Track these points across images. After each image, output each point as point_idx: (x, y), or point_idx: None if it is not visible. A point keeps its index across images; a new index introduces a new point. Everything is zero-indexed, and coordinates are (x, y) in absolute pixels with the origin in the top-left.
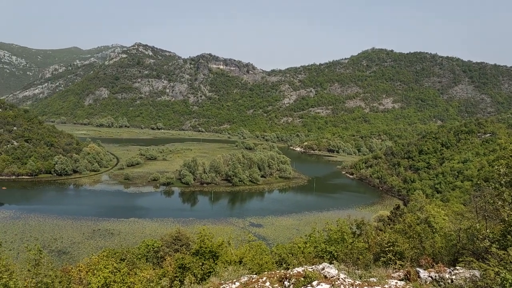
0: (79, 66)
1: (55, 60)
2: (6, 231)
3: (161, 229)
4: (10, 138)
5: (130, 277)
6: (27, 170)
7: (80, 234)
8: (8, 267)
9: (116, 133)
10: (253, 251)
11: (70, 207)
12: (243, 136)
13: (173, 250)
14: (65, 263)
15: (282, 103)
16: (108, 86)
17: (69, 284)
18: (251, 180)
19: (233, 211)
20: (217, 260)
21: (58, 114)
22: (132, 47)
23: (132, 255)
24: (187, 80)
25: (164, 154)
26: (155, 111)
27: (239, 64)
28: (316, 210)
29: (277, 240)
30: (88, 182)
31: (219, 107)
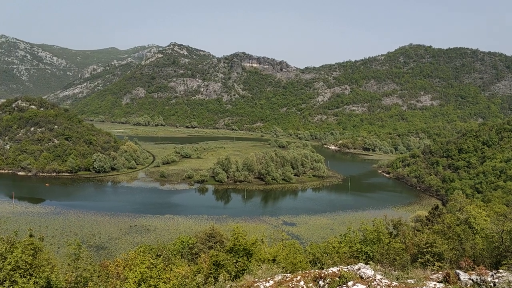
0: (117, 66)
1: (94, 60)
2: (48, 226)
3: (195, 226)
4: (51, 136)
5: (166, 273)
6: (67, 167)
7: (118, 229)
8: (50, 261)
9: (152, 132)
10: (286, 250)
11: (108, 203)
12: (276, 134)
13: (207, 247)
14: (103, 258)
15: (316, 101)
16: (145, 85)
17: (107, 278)
18: (284, 179)
19: (266, 209)
20: (251, 258)
21: (97, 113)
22: (167, 47)
23: (168, 251)
24: (221, 79)
25: (198, 152)
26: (189, 110)
27: (273, 62)
28: (351, 210)
29: (311, 239)
30: (125, 179)
31: (252, 105)
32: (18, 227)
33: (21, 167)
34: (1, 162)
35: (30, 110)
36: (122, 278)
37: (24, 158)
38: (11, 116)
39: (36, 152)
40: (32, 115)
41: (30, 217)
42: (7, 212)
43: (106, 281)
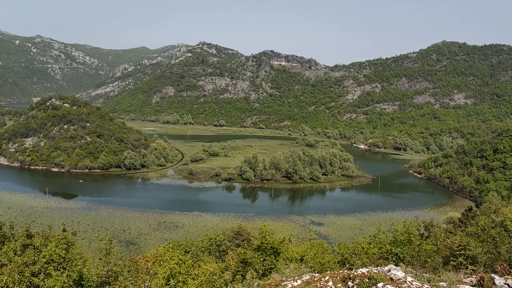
0: (147, 65)
1: (125, 60)
2: (80, 221)
3: (222, 224)
4: (83, 133)
5: (194, 269)
6: (98, 164)
7: (147, 226)
8: (82, 255)
9: (181, 130)
10: (314, 250)
11: (138, 200)
12: (304, 133)
13: (234, 244)
14: (132, 253)
15: (346, 99)
16: (174, 84)
17: (137, 273)
18: (311, 178)
19: (293, 208)
20: (278, 257)
21: (128, 111)
22: (196, 46)
23: (196, 248)
24: (248, 77)
25: (226, 150)
26: (217, 108)
27: (301, 60)
28: (380, 210)
29: (339, 240)
30: (155, 176)
31: (280, 103)
32: (51, 222)
33: (54, 163)
34: (36, 158)
35: (63, 108)
36: (151, 273)
37: (58, 155)
38: (46, 114)
39: (69, 149)
40: (66, 113)
41: (63, 212)
42: (41, 207)
43: (136, 276)
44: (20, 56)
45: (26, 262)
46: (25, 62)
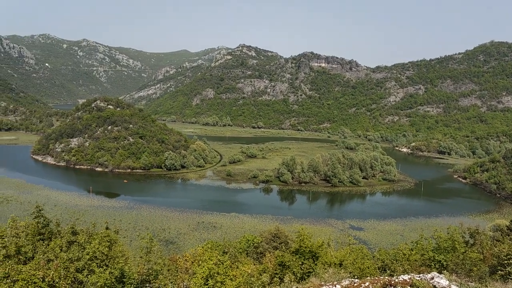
0: (188, 68)
1: (167, 63)
2: (122, 219)
3: (260, 226)
4: (126, 134)
5: (232, 270)
6: (140, 164)
7: (186, 225)
8: (123, 253)
9: (220, 132)
10: (354, 255)
11: (178, 200)
12: (343, 135)
13: (272, 247)
14: (172, 253)
15: (388, 101)
16: (214, 86)
17: (176, 272)
18: (351, 181)
19: (332, 212)
20: (317, 261)
21: (169, 113)
22: (236, 48)
23: (234, 249)
24: (287, 79)
25: (264, 152)
26: (256, 110)
27: (342, 61)
28: (423, 216)
29: (379, 245)
30: (194, 177)
31: (319, 105)
32: (95, 220)
33: (98, 163)
34: (81, 158)
35: (107, 109)
36: (190, 273)
37: (102, 155)
38: (91, 115)
39: (112, 149)
40: (110, 115)
41: (105, 210)
42: (85, 205)
43: (175, 275)
44: (67, 59)
45: (71, 258)
46: (71, 65)
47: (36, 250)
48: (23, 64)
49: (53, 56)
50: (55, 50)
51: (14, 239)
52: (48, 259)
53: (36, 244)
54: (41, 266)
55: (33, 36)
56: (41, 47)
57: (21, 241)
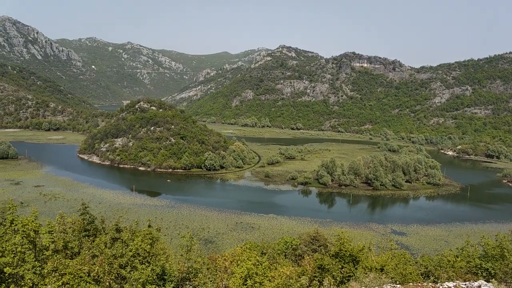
0: (228, 70)
1: (207, 65)
2: (163, 218)
3: (298, 228)
4: (168, 135)
5: (271, 271)
6: (181, 164)
7: (225, 225)
8: (165, 251)
9: (258, 133)
10: (396, 260)
11: (217, 199)
12: (386, 137)
13: (311, 249)
14: (211, 252)
15: (433, 102)
16: (253, 88)
17: (215, 272)
18: (394, 185)
19: (373, 216)
20: (357, 265)
21: (209, 114)
22: (276, 49)
23: (272, 250)
24: (328, 80)
25: (303, 154)
26: (295, 111)
27: (385, 61)
28: (469, 222)
29: (422, 251)
30: (232, 177)
31: (361, 106)
32: (137, 218)
33: (141, 162)
34: (125, 157)
35: (150, 111)
36: (229, 272)
37: (144, 155)
38: (134, 116)
39: (155, 149)
40: (152, 116)
41: (147, 209)
42: (129, 204)
43: (214, 274)
44: (112, 62)
45: (115, 254)
46: (116, 67)
47: (82, 245)
48: (71, 66)
49: (99, 58)
50: (101, 52)
51: (61, 235)
52: (93, 255)
53: (82, 240)
54: (87, 261)
55: (81, 40)
56: (88, 50)
57: (68, 237)
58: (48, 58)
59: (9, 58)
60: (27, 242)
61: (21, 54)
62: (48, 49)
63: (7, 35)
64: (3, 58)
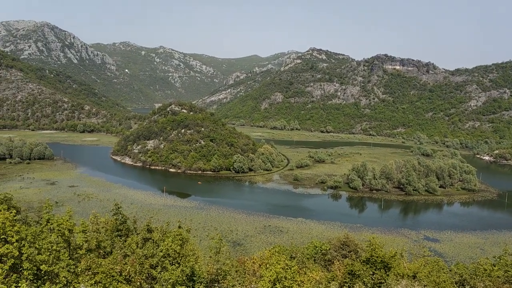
0: (258, 73)
1: (237, 68)
2: (192, 219)
3: (327, 232)
4: (198, 137)
5: (300, 276)
6: (210, 166)
7: (253, 228)
8: (194, 252)
9: (287, 136)
10: (429, 267)
11: (245, 202)
12: (419, 141)
13: (341, 255)
14: (239, 254)
15: (468, 106)
16: (282, 90)
17: (244, 274)
18: (427, 190)
19: (405, 222)
20: (389, 272)
21: (238, 117)
22: (306, 52)
23: (302, 255)
24: (359, 82)
25: (333, 157)
26: (325, 114)
27: (418, 64)
28: (507, 230)
29: (457, 259)
30: (261, 180)
31: (393, 109)
32: (168, 219)
33: (172, 164)
34: (156, 159)
35: (181, 113)
36: (257, 275)
37: (175, 157)
38: (166, 119)
39: (185, 151)
40: (183, 118)
41: (177, 210)
42: (159, 204)
43: (243, 276)
44: (145, 66)
45: (146, 254)
46: (149, 71)
47: (114, 245)
48: (105, 70)
49: (132, 62)
50: (134, 57)
51: (95, 234)
52: (124, 255)
53: (114, 239)
54: (119, 261)
55: (115, 44)
56: (122, 54)
57: (101, 236)
58: (84, 62)
59: (47, 62)
60: (62, 240)
61: (58, 58)
62: (84, 53)
63: (46, 40)
64: (42, 62)
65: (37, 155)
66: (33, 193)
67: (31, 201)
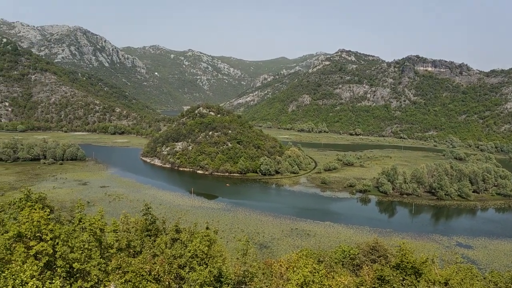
0: (285, 75)
1: (265, 70)
2: (219, 221)
3: (356, 237)
4: (225, 140)
5: (328, 280)
6: (237, 168)
7: (279, 231)
8: (221, 253)
9: (315, 138)
10: (461, 274)
11: (271, 204)
12: (452, 144)
13: (370, 260)
14: (265, 257)
15: (504, 108)
16: (310, 92)
17: (271, 277)
18: (460, 195)
19: (437, 227)
20: (420, 278)
21: (265, 120)
22: (335, 53)
23: (329, 259)
24: (390, 84)
25: (362, 160)
26: (354, 116)
27: (451, 65)
28: None
29: (491, 266)
30: (288, 183)
31: (425, 112)
32: (195, 220)
33: (199, 166)
34: (184, 161)
35: (209, 116)
36: (284, 278)
37: (203, 159)
38: (194, 121)
39: (212, 153)
40: (211, 121)
41: (205, 211)
42: (187, 206)
43: (270, 279)
44: (174, 69)
45: (175, 254)
46: (178, 74)
47: (144, 245)
48: (135, 73)
49: (162, 65)
50: (163, 60)
51: (125, 234)
52: (154, 254)
53: (144, 239)
54: (148, 260)
55: (145, 47)
56: (151, 57)
57: (131, 236)
58: (115, 65)
59: (79, 66)
60: (94, 239)
61: (90, 61)
62: (115, 57)
63: (78, 44)
64: (74, 65)
65: (69, 156)
66: (66, 193)
67: (64, 200)
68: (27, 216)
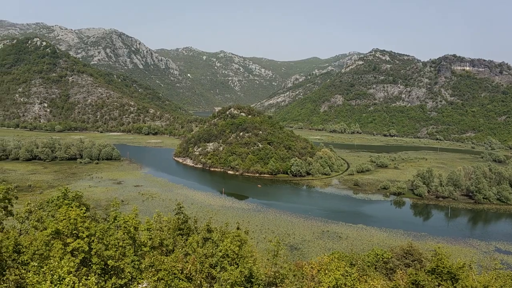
0: (317, 75)
1: (296, 70)
2: (250, 221)
3: (389, 240)
4: (256, 140)
5: (360, 283)
6: (268, 169)
7: (310, 233)
8: (252, 253)
9: (347, 139)
10: (500, 281)
11: (302, 206)
12: (491, 146)
13: (403, 264)
14: (296, 258)
15: None
16: (343, 93)
17: (302, 279)
18: (499, 199)
19: (474, 231)
20: (456, 284)
21: (296, 120)
22: (369, 53)
23: (362, 262)
24: (425, 84)
25: (396, 162)
26: (388, 117)
27: (490, 64)
28: None
29: None
30: (319, 184)
31: (462, 113)
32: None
33: (230, 166)
34: (215, 161)
35: (240, 117)
36: (316, 281)
37: (233, 159)
38: (225, 122)
39: (243, 154)
40: (242, 122)
41: (235, 211)
42: (218, 206)
43: (301, 281)
44: (206, 70)
45: (206, 254)
46: (210, 75)
47: (176, 244)
48: (168, 75)
49: (194, 67)
50: (196, 61)
51: (158, 232)
52: (186, 253)
53: (176, 238)
54: (180, 259)
55: (178, 49)
56: (184, 59)
57: (163, 235)
58: (149, 67)
59: (114, 68)
60: (128, 237)
61: (124, 63)
62: (149, 59)
63: (113, 46)
64: (110, 67)
65: (105, 155)
66: (101, 192)
67: (99, 199)
68: (65, 214)
